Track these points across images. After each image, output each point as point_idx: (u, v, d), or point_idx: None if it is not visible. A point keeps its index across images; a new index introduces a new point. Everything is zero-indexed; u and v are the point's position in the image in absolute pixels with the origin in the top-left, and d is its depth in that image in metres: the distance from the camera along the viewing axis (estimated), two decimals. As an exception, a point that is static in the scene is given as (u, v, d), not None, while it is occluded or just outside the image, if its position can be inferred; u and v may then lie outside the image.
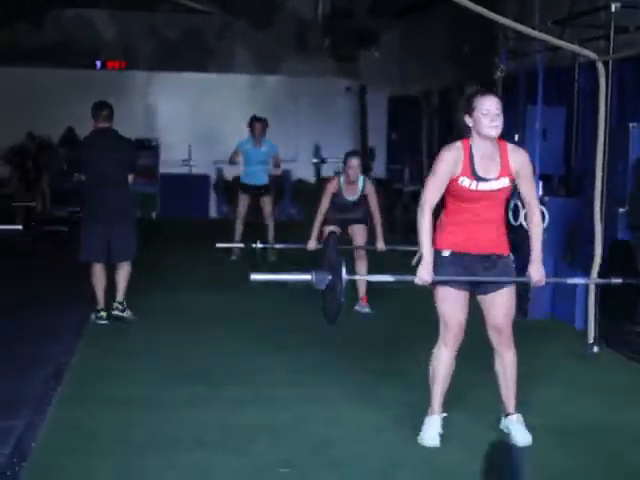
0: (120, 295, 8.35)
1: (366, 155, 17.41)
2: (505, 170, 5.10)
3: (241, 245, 11.16)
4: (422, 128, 14.48)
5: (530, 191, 5.25)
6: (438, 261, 5.11)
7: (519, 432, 5.24)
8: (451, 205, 5.15)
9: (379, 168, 17.53)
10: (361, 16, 16.38)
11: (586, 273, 7.32)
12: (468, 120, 5.09)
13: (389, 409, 5.80)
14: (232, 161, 12.40)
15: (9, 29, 16.39)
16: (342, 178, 8.93)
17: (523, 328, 7.79)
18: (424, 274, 5.03)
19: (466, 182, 5.03)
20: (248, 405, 5.90)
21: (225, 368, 6.82)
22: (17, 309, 8.59)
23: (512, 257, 5.28)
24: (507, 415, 5.34)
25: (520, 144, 9.11)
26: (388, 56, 16.91)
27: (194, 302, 9.31)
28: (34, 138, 15.13)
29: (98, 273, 8.32)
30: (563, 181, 9.57)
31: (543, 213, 8.70)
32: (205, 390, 6.21)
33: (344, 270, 4.67)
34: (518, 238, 6.21)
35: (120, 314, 8.32)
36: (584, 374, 6.99)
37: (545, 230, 8.62)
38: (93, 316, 8.32)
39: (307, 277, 5.16)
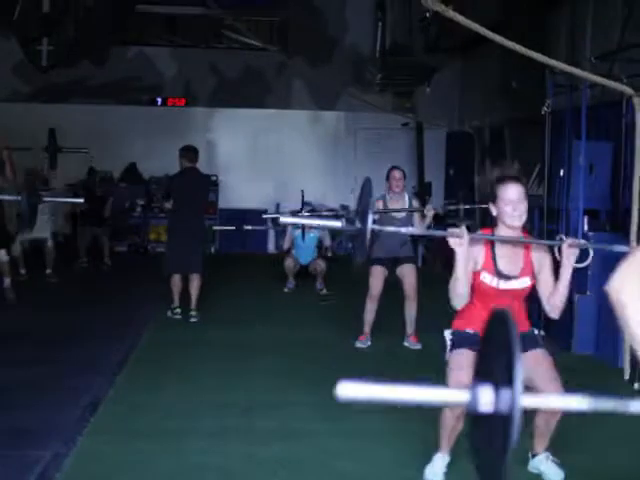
0: (193, 304, 10.10)
1: (423, 190, 17.40)
2: (527, 268, 4.81)
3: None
4: (474, 164, 14.44)
5: (551, 279, 4.82)
6: (459, 339, 4.86)
7: (551, 469, 5.08)
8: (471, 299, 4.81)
9: (436, 203, 17.43)
10: (419, 52, 16.40)
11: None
12: (492, 209, 4.79)
13: (413, 445, 5.71)
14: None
15: (74, 67, 16.74)
16: (387, 195, 8.72)
17: (566, 363, 7.75)
18: (461, 233, 4.58)
19: (487, 278, 4.77)
20: (274, 438, 5.92)
21: (257, 400, 6.84)
22: (64, 341, 8.74)
23: (536, 331, 5.20)
24: (534, 455, 5.16)
25: (566, 179, 9.11)
26: (445, 92, 16.91)
27: (243, 335, 9.39)
28: (95, 173, 15.10)
29: (176, 281, 10.14)
30: (609, 216, 9.44)
31: (587, 249, 8.63)
32: (234, 421, 6.26)
33: (370, 220, 4.36)
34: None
35: (194, 320, 9.98)
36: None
37: (589, 266, 8.62)
38: (169, 312, 10.14)
39: (337, 224, 5.29)
